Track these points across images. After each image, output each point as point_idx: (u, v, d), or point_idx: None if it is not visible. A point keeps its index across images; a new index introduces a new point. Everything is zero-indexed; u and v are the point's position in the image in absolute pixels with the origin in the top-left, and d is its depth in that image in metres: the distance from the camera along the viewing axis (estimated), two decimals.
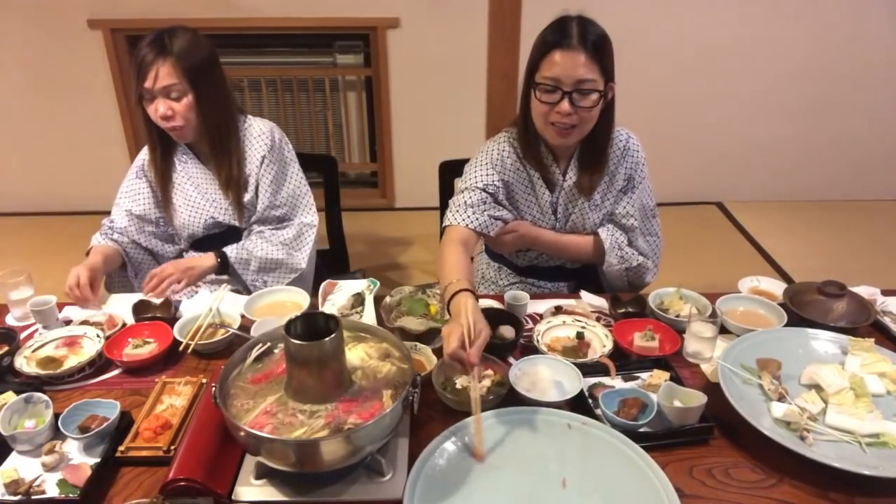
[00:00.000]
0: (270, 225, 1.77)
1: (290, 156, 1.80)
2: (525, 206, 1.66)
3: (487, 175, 1.59)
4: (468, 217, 1.55)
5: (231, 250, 1.72)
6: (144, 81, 1.56)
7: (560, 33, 1.43)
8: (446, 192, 1.97)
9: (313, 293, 1.57)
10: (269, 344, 1.12)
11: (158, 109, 1.59)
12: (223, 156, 1.71)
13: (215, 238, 1.81)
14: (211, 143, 1.70)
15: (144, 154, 1.78)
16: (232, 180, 1.72)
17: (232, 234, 1.81)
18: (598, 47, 1.44)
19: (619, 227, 1.67)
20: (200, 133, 1.68)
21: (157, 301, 1.52)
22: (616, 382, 1.26)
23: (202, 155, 1.76)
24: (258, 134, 1.75)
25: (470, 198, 1.57)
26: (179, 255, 1.89)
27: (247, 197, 1.75)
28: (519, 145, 1.61)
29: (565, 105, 1.44)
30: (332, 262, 2.15)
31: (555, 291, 1.78)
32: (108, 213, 1.87)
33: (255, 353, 1.10)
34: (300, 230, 1.78)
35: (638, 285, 1.75)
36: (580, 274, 1.80)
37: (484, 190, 1.57)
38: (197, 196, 1.76)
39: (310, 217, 1.81)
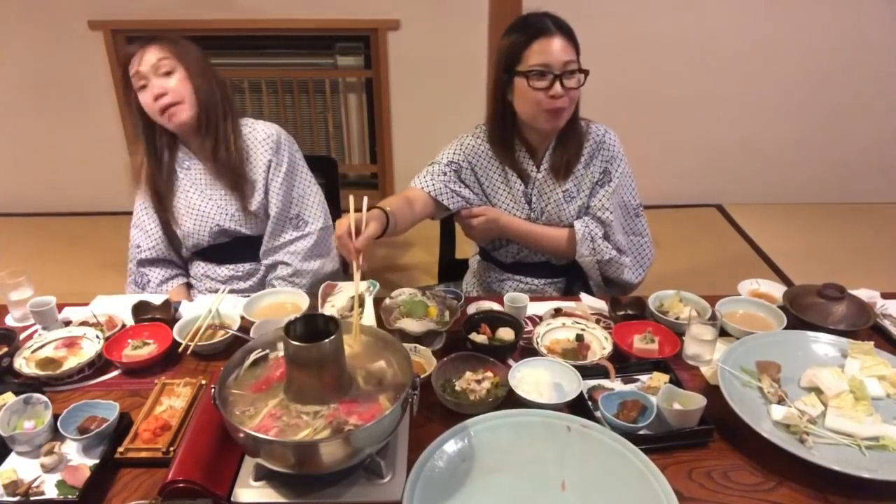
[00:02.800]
0: (290, 228, 1.76)
1: (298, 156, 1.79)
2: (498, 196, 1.70)
3: (454, 154, 1.68)
4: (424, 181, 1.64)
5: (283, 282, 1.75)
6: (132, 67, 1.58)
7: (535, 25, 1.52)
8: None
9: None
10: (266, 350, 1.12)
11: (153, 93, 1.58)
12: (224, 147, 1.68)
13: (222, 248, 1.79)
14: (201, 130, 1.67)
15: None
16: (238, 177, 1.70)
17: (241, 243, 1.78)
18: (571, 32, 1.53)
19: (596, 220, 1.68)
20: (198, 118, 1.65)
21: (157, 302, 1.53)
22: (615, 385, 1.26)
23: (205, 157, 1.72)
24: (264, 137, 1.73)
25: (432, 169, 1.67)
26: (185, 265, 1.88)
27: (255, 203, 1.73)
28: (489, 137, 1.67)
29: (558, 87, 1.50)
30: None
31: (541, 290, 1.78)
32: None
33: (252, 357, 1.09)
34: (319, 237, 1.78)
35: (618, 283, 1.74)
36: (568, 270, 1.79)
37: (448, 165, 1.66)
38: (201, 203, 1.74)
39: (322, 222, 1.79)
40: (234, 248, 1.79)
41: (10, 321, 1.52)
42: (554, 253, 1.74)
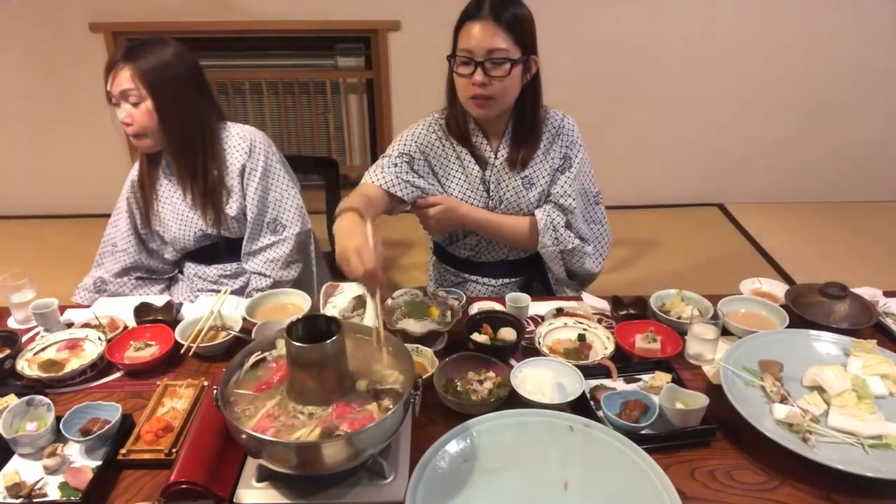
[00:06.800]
0: (268, 233, 1.73)
1: (273, 160, 1.74)
2: (454, 183, 1.65)
3: (405, 145, 1.63)
4: (375, 175, 1.59)
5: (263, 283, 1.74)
6: (107, 83, 1.58)
7: (473, 7, 1.47)
8: None
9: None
10: (267, 351, 1.12)
11: (121, 116, 1.59)
12: (192, 173, 1.66)
13: (208, 250, 1.79)
14: (175, 157, 1.66)
15: (136, 168, 1.77)
16: (207, 196, 1.68)
17: (227, 244, 1.77)
18: (511, 18, 1.46)
19: (558, 208, 1.64)
20: (168, 146, 1.65)
21: (159, 304, 1.53)
22: (618, 384, 1.26)
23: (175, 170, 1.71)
24: (237, 142, 1.69)
25: (383, 162, 1.61)
26: (178, 265, 1.88)
27: (234, 209, 1.70)
28: (446, 124, 1.64)
29: (478, 75, 1.47)
30: (333, 264, 2.14)
31: (499, 291, 1.75)
32: (109, 216, 1.86)
33: (253, 358, 1.09)
34: (298, 242, 1.75)
35: (580, 274, 1.71)
36: (525, 269, 1.77)
37: (399, 157, 1.61)
38: (185, 209, 1.72)
39: (298, 227, 1.75)
40: (220, 250, 1.79)
41: (12, 323, 1.52)
42: (515, 242, 1.70)
